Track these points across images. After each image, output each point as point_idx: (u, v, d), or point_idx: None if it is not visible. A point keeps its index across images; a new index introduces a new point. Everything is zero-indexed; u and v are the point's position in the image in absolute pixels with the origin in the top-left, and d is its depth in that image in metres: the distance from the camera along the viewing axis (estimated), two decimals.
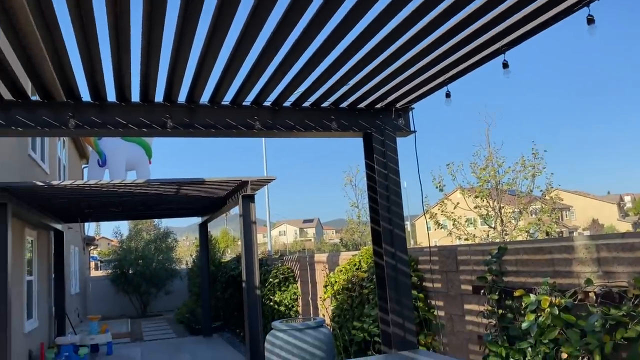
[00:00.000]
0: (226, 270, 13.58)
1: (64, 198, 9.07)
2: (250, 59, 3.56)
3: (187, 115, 4.26)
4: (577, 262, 3.62)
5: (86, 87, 3.76)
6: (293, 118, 4.57)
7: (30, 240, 10.40)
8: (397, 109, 4.80)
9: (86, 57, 3.26)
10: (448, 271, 5.07)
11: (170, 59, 3.38)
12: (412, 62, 3.79)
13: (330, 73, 3.89)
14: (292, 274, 10.23)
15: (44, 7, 2.68)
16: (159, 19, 2.86)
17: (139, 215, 13.81)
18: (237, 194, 9.00)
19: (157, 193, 9.16)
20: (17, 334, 8.67)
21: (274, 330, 6.21)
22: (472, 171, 14.47)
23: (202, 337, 12.66)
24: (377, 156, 4.71)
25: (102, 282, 21.05)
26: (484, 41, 3.47)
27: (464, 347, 4.85)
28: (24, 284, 9.63)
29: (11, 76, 3.50)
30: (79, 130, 4.00)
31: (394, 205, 4.68)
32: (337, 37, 3.32)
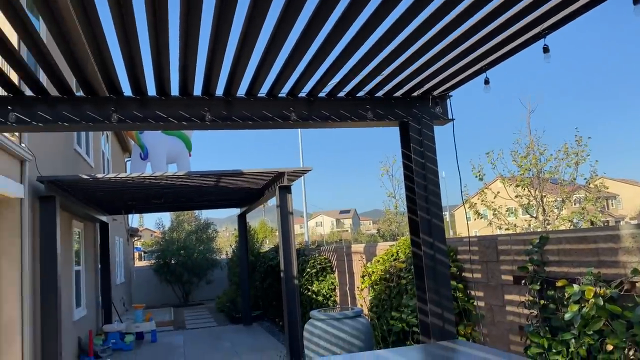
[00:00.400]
0: (265, 261, 13.77)
1: (108, 190, 9.37)
2: (286, 51, 3.59)
3: (224, 108, 4.33)
4: (623, 251, 3.50)
5: (127, 82, 3.87)
6: (328, 108, 4.57)
7: (77, 231, 10.80)
8: (434, 96, 4.74)
9: (127, 53, 3.35)
10: (488, 261, 5.00)
11: (207, 53, 3.44)
12: (449, 48, 3.73)
13: (365, 62, 3.87)
14: (330, 264, 10.28)
15: (86, 5, 2.77)
16: (196, 14, 2.91)
17: (180, 207, 14.12)
18: (274, 185, 9.09)
19: (197, 185, 9.36)
20: (67, 322, 9.06)
21: (312, 319, 6.28)
22: (513, 159, 14.16)
23: (242, 326, 12.90)
24: (414, 145, 4.67)
25: (145, 272, 21.68)
26: (524, 25, 3.38)
27: (505, 338, 4.78)
28: (73, 273, 10.03)
29: (57, 73, 3.64)
30: (121, 125, 4.12)
31: (431, 195, 4.63)
32: (372, 26, 3.30)
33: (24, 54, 5.96)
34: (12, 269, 6.76)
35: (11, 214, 6.88)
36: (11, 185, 6.54)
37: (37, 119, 3.98)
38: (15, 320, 6.70)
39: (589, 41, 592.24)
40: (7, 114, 3.91)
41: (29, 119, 3.96)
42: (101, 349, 10.20)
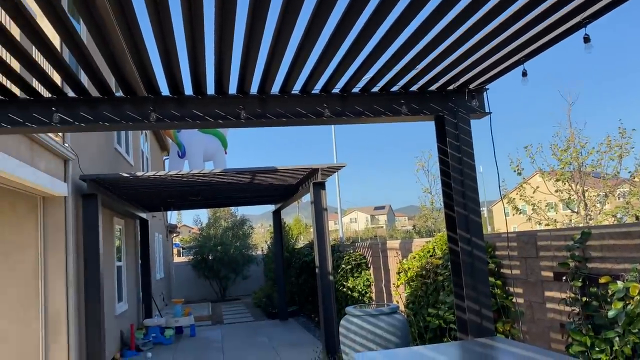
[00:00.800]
0: (299, 257, 13.85)
1: (147, 188, 9.61)
2: (319, 48, 3.59)
3: (259, 106, 4.37)
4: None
5: (165, 82, 3.95)
6: (362, 104, 4.56)
7: (118, 228, 11.11)
8: (470, 90, 4.66)
9: (164, 54, 3.42)
10: (527, 257, 4.89)
11: (242, 51, 3.48)
12: (486, 40, 3.66)
13: (399, 57, 3.83)
14: (365, 261, 10.26)
15: (125, 8, 2.84)
16: (230, 14, 2.95)
17: (216, 204, 14.35)
18: (308, 181, 9.13)
19: (233, 182, 9.49)
20: (109, 316, 9.34)
21: (348, 315, 6.28)
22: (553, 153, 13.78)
23: (279, 321, 13.02)
24: (450, 140, 4.61)
25: (184, 268, 22.14)
26: (564, 14, 3.28)
27: (545, 336, 4.67)
28: (115, 269, 10.33)
29: (97, 74, 3.75)
30: (159, 124, 4.22)
31: (468, 190, 4.56)
32: (406, 19, 3.26)
33: (66, 56, 6.16)
34: (58, 264, 7.02)
35: (56, 212, 7.14)
36: (56, 184, 6.78)
37: (79, 119, 4.11)
38: (61, 313, 6.96)
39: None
40: (52, 115, 4.05)
41: (72, 119, 4.10)
42: (142, 343, 10.48)
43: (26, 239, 6.87)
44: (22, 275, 6.80)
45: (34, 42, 3.20)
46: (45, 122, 4.06)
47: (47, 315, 6.89)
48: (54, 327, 6.92)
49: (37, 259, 6.87)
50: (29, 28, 3.03)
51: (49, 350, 6.87)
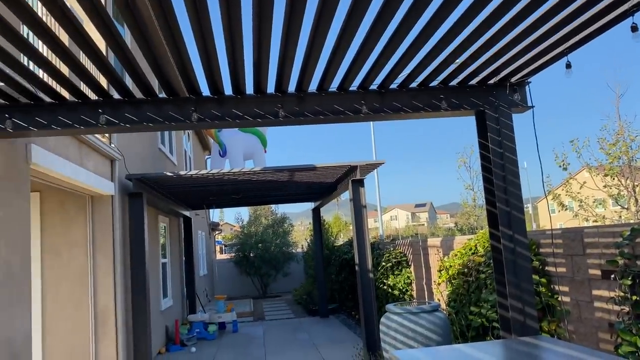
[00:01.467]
0: (339, 254, 13.87)
1: (190, 187, 9.83)
2: (356, 45, 3.59)
3: (296, 104, 4.40)
4: None
5: (205, 83, 4.03)
6: (400, 100, 4.52)
7: (163, 226, 11.42)
8: (512, 83, 4.55)
9: (204, 55, 3.49)
10: (573, 255, 4.75)
11: (279, 51, 3.51)
12: (528, 32, 3.57)
13: (438, 51, 3.79)
14: (405, 258, 10.19)
15: (166, 11, 2.92)
16: (267, 14, 2.99)
17: (256, 202, 14.53)
18: (347, 178, 9.12)
19: (272, 180, 9.59)
20: (155, 311, 9.62)
21: (388, 313, 6.26)
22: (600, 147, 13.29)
23: (319, 318, 13.09)
24: (491, 134, 4.52)
25: (226, 265, 22.54)
26: (610, 3, 3.17)
27: (593, 336, 4.52)
28: (160, 266, 10.63)
29: (141, 77, 3.86)
30: (200, 123, 4.31)
31: (511, 186, 4.46)
32: (445, 12, 3.22)
33: (111, 59, 6.38)
34: (106, 261, 7.29)
35: (104, 211, 7.40)
36: (104, 184, 7.03)
37: (124, 120, 4.25)
38: (110, 308, 7.22)
39: None
40: (98, 116, 4.21)
41: (117, 120, 4.24)
42: (186, 338, 10.74)
43: (76, 237, 7.16)
44: (73, 272, 7.09)
45: (81, 48, 3.33)
46: (93, 124, 4.21)
47: (96, 311, 7.16)
48: (103, 322, 7.18)
49: (86, 256, 7.15)
50: (77, 34, 3.16)
51: (99, 344, 7.14)
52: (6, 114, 4.12)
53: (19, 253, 4.62)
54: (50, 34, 3.13)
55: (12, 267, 4.47)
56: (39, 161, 4.96)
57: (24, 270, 4.70)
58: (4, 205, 4.39)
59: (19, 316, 4.56)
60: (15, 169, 4.61)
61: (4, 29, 2.97)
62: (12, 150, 4.57)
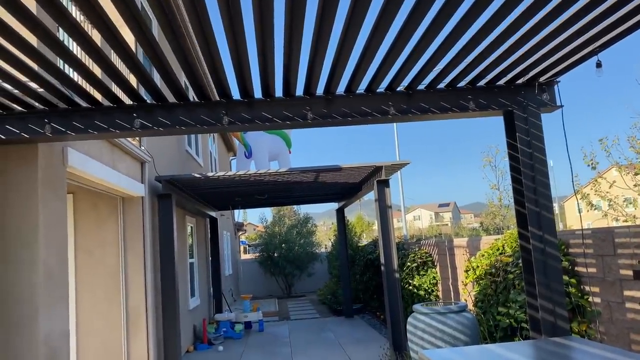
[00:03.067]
0: (363, 254, 13.88)
1: (217, 188, 9.98)
2: (385, 47, 3.62)
3: (324, 106, 4.46)
4: None
5: (236, 86, 4.12)
6: (427, 101, 4.54)
7: (190, 226, 11.61)
8: (540, 83, 4.53)
9: (236, 59, 3.58)
10: (604, 255, 4.70)
11: (309, 54, 3.58)
12: (556, 32, 3.56)
13: (466, 52, 3.80)
14: (431, 259, 10.16)
15: (201, 18, 3.01)
16: (298, 18, 3.05)
17: (281, 202, 14.64)
18: (372, 179, 9.15)
19: (297, 180, 9.67)
20: (183, 310, 9.79)
21: (415, 313, 6.27)
22: (630, 146, 13.00)
23: (344, 318, 13.12)
24: (519, 134, 4.50)
25: (251, 265, 22.75)
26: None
27: (625, 337, 4.47)
28: (187, 265, 10.81)
29: (174, 82, 3.97)
30: (231, 126, 4.41)
31: (540, 186, 4.44)
32: (474, 14, 3.24)
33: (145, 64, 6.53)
34: (137, 261, 7.46)
35: (134, 211, 7.58)
36: (134, 185, 7.20)
37: (158, 123, 4.37)
38: (141, 307, 7.39)
39: None
40: (133, 120, 4.34)
41: (151, 124, 4.36)
42: (214, 337, 10.90)
43: (108, 237, 7.34)
44: (106, 272, 7.28)
45: (115, 51, 3.44)
46: (127, 128, 4.34)
47: (128, 309, 7.34)
48: (135, 320, 7.36)
49: (118, 256, 7.33)
50: (112, 38, 3.27)
51: (130, 342, 7.31)
52: (45, 119, 4.28)
53: (57, 254, 4.78)
54: (85, 36, 3.24)
55: (51, 268, 4.63)
56: (74, 164, 5.12)
57: (61, 270, 4.86)
58: (43, 207, 4.56)
59: (57, 314, 4.72)
60: (53, 172, 4.78)
61: (42, 34, 3.09)
62: (50, 153, 4.74)
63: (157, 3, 2.90)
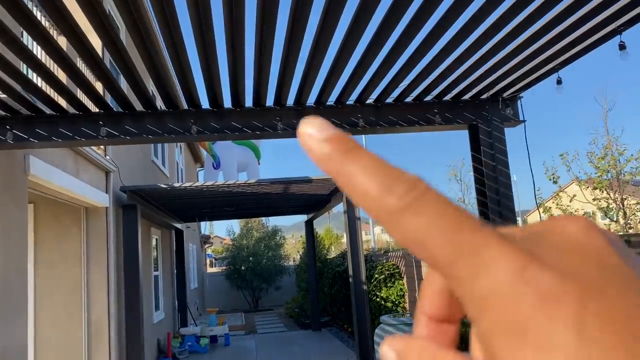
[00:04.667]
0: (332, 267, 13.89)
1: (184, 199, 9.85)
2: (354, 60, 3.68)
3: (295, 117, 4.48)
4: None
5: (206, 96, 4.11)
6: (396, 114, 4.62)
7: (155, 238, 11.40)
8: (504, 98, 4.67)
9: (206, 69, 3.57)
10: None
11: (280, 65, 3.60)
12: (520, 49, 3.69)
13: (433, 67, 3.89)
14: (398, 270, 10.24)
15: (170, 25, 3.00)
16: (269, 29, 3.07)
17: (249, 214, 14.55)
18: (341, 191, 9.18)
19: (266, 192, 9.64)
20: (148, 324, 9.56)
21: (382, 324, 6.30)
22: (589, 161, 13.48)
23: (312, 331, 13.06)
24: (484, 148, 4.62)
25: (217, 278, 22.45)
26: (599, 22, 3.29)
27: None
28: (152, 278, 10.59)
29: (142, 89, 3.93)
30: (200, 136, 4.37)
31: (503, 198, 4.56)
32: (440, 30, 3.33)
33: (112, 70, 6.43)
34: (100, 273, 7.27)
35: (98, 222, 7.40)
36: (99, 195, 7.04)
37: (125, 132, 4.30)
38: (103, 321, 7.19)
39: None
40: (99, 129, 4.26)
41: (118, 132, 4.29)
42: (178, 351, 10.67)
43: (70, 248, 7.14)
44: (67, 284, 7.06)
45: (82, 58, 3.39)
46: (93, 136, 4.26)
47: (89, 323, 7.13)
48: (97, 334, 7.15)
49: (80, 268, 7.13)
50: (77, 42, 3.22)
51: (92, 357, 7.09)
52: (7, 126, 4.16)
53: (15, 265, 4.62)
54: (51, 42, 3.18)
55: (8, 277, 4.47)
56: (36, 172, 4.98)
57: (20, 280, 4.70)
58: (2, 216, 4.41)
59: (15, 326, 4.55)
60: (13, 180, 4.64)
61: (7, 39, 3.02)
62: (11, 161, 4.60)
63: (126, 10, 2.87)
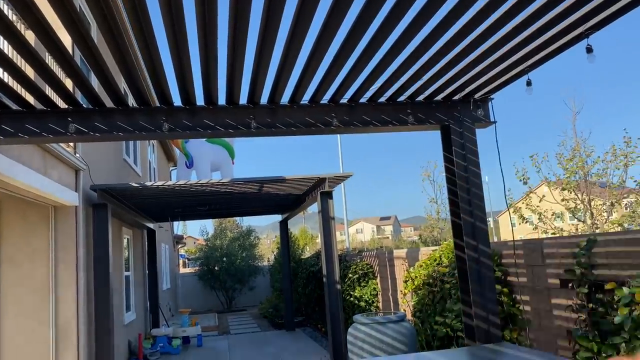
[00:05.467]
0: (306, 267, 13.89)
1: (155, 198, 9.71)
2: (328, 59, 3.69)
3: (269, 116, 4.46)
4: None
5: (177, 93, 4.06)
6: (369, 114, 4.64)
7: (126, 238, 11.21)
8: (475, 99, 4.74)
9: (178, 65, 3.53)
10: (534, 265, 4.94)
11: (253, 63, 3.58)
12: (490, 51, 3.75)
13: (406, 67, 3.93)
14: (371, 270, 10.29)
15: (141, 20, 2.95)
16: (242, 26, 3.05)
17: (223, 214, 14.44)
18: (315, 191, 9.21)
19: (240, 192, 9.58)
20: (118, 325, 9.40)
21: (355, 323, 6.32)
22: (558, 162, 13.82)
23: (285, 331, 13.03)
24: (455, 148, 4.68)
25: (190, 279, 22.20)
26: (567, 25, 3.37)
27: (552, 343, 4.70)
28: (123, 279, 10.41)
29: (113, 86, 3.86)
30: (172, 133, 4.32)
31: (475, 198, 4.63)
32: (413, 31, 3.36)
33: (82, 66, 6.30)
34: (69, 273, 7.11)
35: (67, 221, 7.24)
36: (67, 194, 6.89)
37: (94, 129, 4.22)
38: (72, 322, 7.03)
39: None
40: (67, 125, 4.16)
41: (87, 129, 4.21)
42: (150, 352, 10.52)
43: (38, 248, 6.97)
44: (34, 285, 6.89)
45: (51, 53, 3.31)
46: (61, 133, 4.16)
47: (57, 324, 6.97)
48: (64, 335, 6.99)
49: (48, 267, 6.96)
50: (46, 37, 3.15)
51: (59, 358, 6.93)
52: None
53: None
54: (18, 36, 3.10)
55: None
56: (2, 170, 4.84)
57: None
58: None
59: None
60: None
61: None
62: None
63: (97, 5, 2.82)
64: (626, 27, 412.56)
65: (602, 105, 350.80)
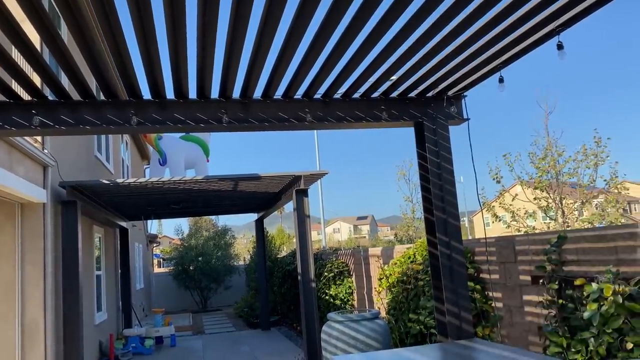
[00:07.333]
0: (282, 266, 13.81)
1: (128, 196, 9.52)
2: (300, 53, 3.64)
3: (241, 110, 4.40)
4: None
5: (147, 86, 3.96)
6: (343, 109, 4.61)
7: (98, 237, 10.97)
8: (448, 96, 4.75)
9: (146, 57, 3.44)
10: (506, 262, 4.97)
11: (224, 56, 3.51)
12: (462, 47, 3.75)
13: (379, 63, 3.91)
14: (347, 268, 10.29)
15: (108, 11, 2.86)
16: (212, 19, 2.99)
17: (198, 212, 14.27)
18: (291, 188, 9.15)
19: (215, 189, 9.46)
20: (88, 326, 9.19)
21: (330, 321, 6.29)
22: (531, 161, 14.04)
23: (261, 331, 12.94)
24: (429, 145, 4.68)
25: (164, 278, 21.90)
26: (537, 22, 3.39)
27: (524, 339, 4.74)
28: (94, 278, 10.18)
29: (79, 78, 3.74)
30: (140, 127, 4.21)
31: (447, 195, 4.64)
32: (385, 26, 3.34)
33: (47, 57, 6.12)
34: (36, 272, 6.91)
35: (34, 219, 7.03)
36: (34, 190, 6.69)
37: (60, 122, 4.09)
38: (39, 322, 6.84)
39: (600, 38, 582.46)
40: (32, 118, 4.03)
41: (52, 122, 4.08)
42: (122, 353, 10.32)
43: (3, 246, 6.76)
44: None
45: (14, 44, 3.19)
46: (25, 125, 4.03)
47: (23, 324, 6.76)
48: (31, 336, 6.79)
49: (14, 266, 6.76)
50: (9, 29, 3.03)
51: (25, 359, 6.73)
52: None
53: None
54: None
55: None
56: None
57: None
58: None
59: None
60: None
61: None
62: None
63: None
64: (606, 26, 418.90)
65: (574, 104, 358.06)
